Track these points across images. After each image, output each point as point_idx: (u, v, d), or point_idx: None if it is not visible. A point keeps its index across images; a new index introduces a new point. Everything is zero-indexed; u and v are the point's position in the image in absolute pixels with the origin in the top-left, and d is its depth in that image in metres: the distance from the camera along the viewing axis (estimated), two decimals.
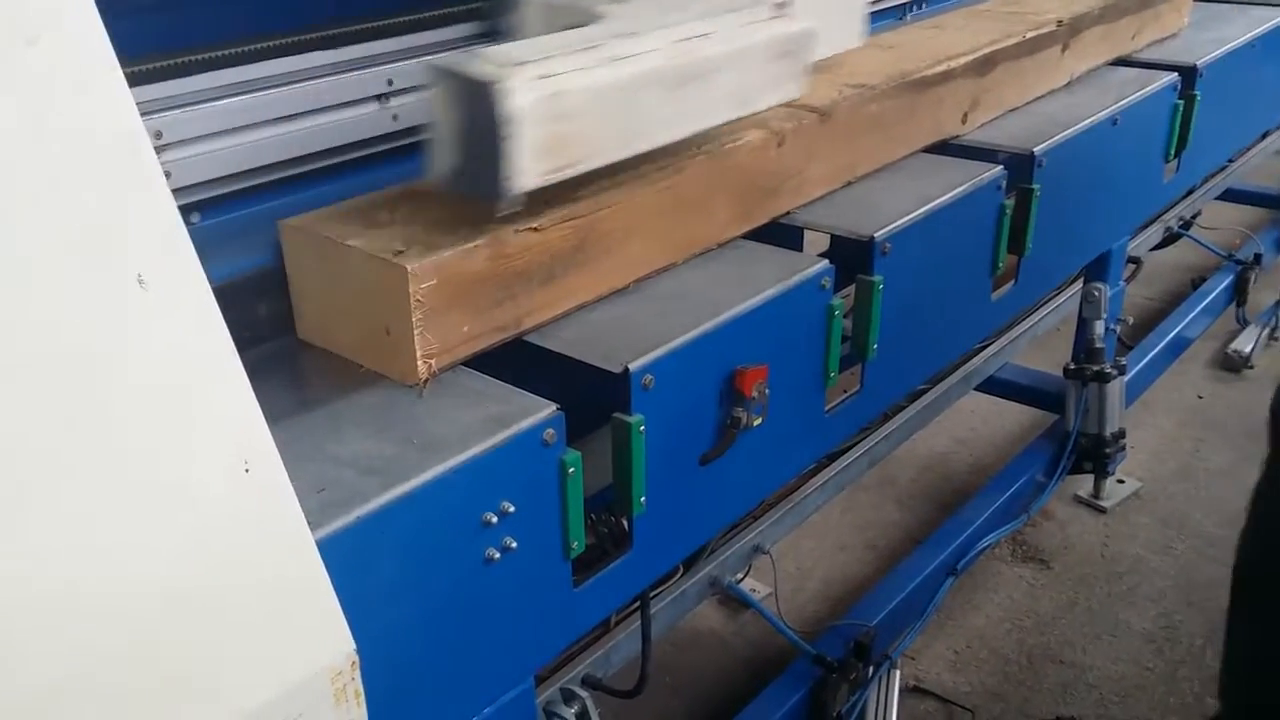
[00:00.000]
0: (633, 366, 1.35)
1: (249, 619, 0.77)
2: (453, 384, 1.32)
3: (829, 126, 1.84)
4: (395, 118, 1.69)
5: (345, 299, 1.34)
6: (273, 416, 1.23)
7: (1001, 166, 2.00)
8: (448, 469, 1.16)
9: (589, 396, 1.40)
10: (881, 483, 3.21)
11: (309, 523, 1.03)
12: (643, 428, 1.37)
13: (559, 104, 1.30)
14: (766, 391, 1.52)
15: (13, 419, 0.65)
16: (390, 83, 1.66)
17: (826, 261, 1.65)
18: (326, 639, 0.85)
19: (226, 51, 1.45)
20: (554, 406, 1.27)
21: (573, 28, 1.47)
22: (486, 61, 1.27)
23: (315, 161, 1.61)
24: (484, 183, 1.29)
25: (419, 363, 1.28)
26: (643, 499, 1.41)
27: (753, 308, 1.53)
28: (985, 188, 1.97)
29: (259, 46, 1.49)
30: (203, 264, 1.41)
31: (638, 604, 1.70)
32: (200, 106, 1.42)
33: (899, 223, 1.78)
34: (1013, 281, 2.21)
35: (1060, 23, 2.39)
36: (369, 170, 1.70)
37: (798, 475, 1.92)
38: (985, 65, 2.19)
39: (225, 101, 1.45)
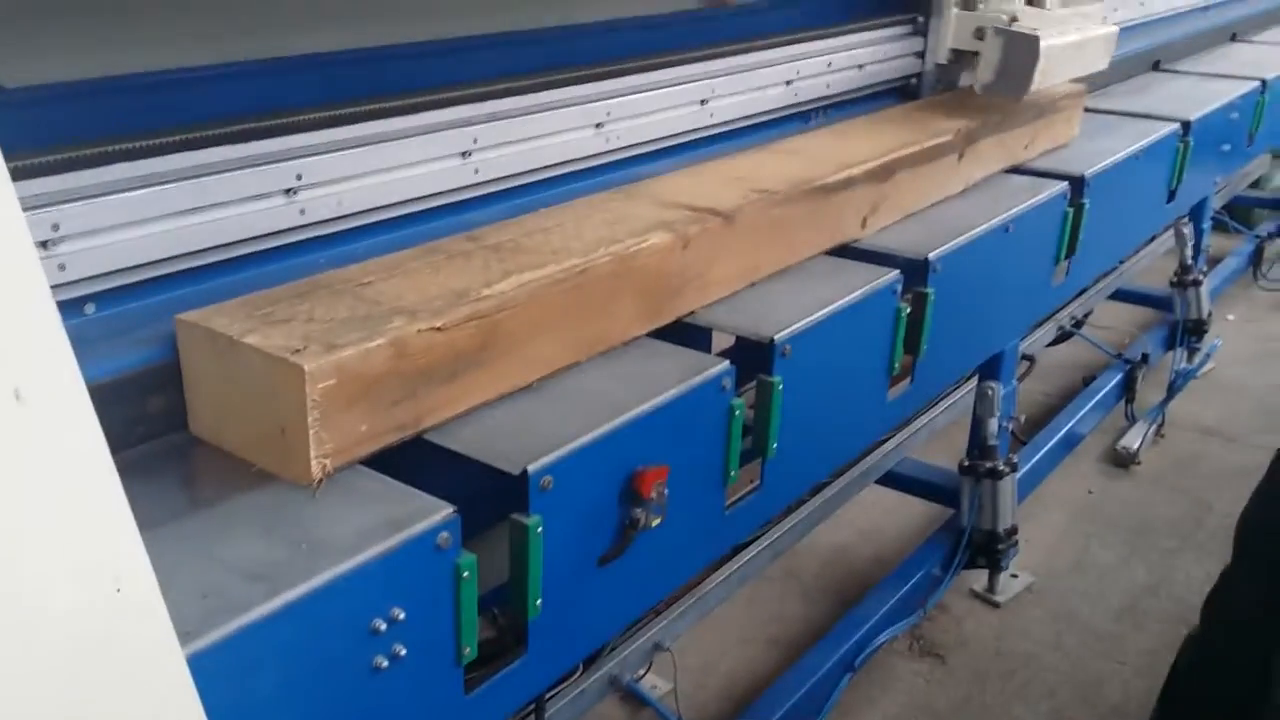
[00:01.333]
0: (531, 468, 1.35)
1: None
2: (348, 484, 1.31)
3: (733, 229, 1.89)
4: (303, 211, 1.69)
5: (240, 396, 1.33)
6: (160, 518, 1.22)
7: (898, 271, 2.07)
8: (337, 575, 1.14)
9: (488, 495, 1.40)
10: (786, 575, 3.23)
11: (190, 632, 1.01)
12: (540, 529, 1.37)
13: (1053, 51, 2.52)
14: (665, 492, 1.53)
15: None
16: (299, 177, 1.67)
17: (727, 362, 1.68)
18: None
19: (130, 145, 1.44)
20: (450, 509, 1.27)
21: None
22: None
23: (218, 254, 1.60)
24: (1015, 89, 2.60)
25: (313, 463, 1.27)
26: (538, 601, 1.40)
27: (653, 408, 1.55)
28: (882, 291, 2.03)
29: (164, 141, 1.48)
30: (98, 356, 1.39)
31: (533, 707, 1.68)
32: (100, 200, 1.41)
33: (799, 325, 1.83)
34: (909, 380, 2.27)
35: (957, 132, 2.50)
36: (276, 261, 1.69)
37: (697, 573, 1.93)
38: (885, 172, 2.27)
39: (126, 195, 1.44)
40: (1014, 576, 3.18)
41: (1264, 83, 3.98)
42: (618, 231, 1.75)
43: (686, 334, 1.83)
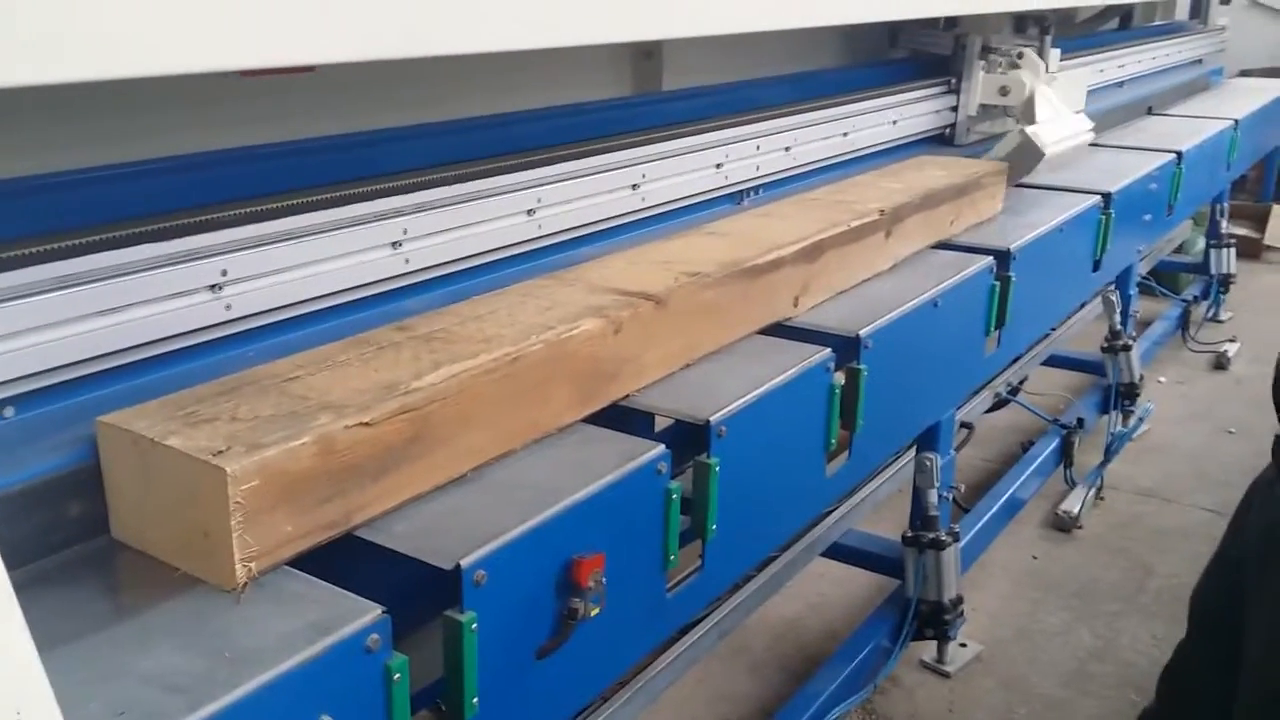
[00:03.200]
0: (464, 563, 1.33)
1: None
2: (274, 586, 1.28)
3: (666, 313, 1.90)
4: (229, 307, 1.68)
5: (162, 499, 1.30)
6: (77, 630, 1.19)
7: (829, 349, 2.09)
8: (260, 684, 1.11)
9: (423, 590, 1.37)
10: (735, 651, 3.20)
11: None
12: (474, 625, 1.34)
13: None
14: (603, 580, 1.52)
15: None
16: (224, 273, 1.65)
17: (662, 446, 1.68)
18: None
19: (45, 246, 1.42)
20: (379, 610, 1.24)
21: None
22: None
23: (142, 352, 1.58)
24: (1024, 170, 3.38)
25: (237, 567, 1.24)
26: (474, 700, 1.37)
27: (588, 496, 1.54)
28: (815, 369, 2.05)
29: (81, 241, 1.47)
30: (16, 461, 1.36)
31: None
32: (15, 303, 1.38)
33: (734, 405, 1.84)
34: (847, 455, 2.28)
35: (882, 211, 2.55)
36: (201, 357, 1.67)
37: (641, 659, 1.90)
38: (814, 252, 2.31)
39: (43, 298, 1.42)
40: (963, 645, 3.18)
41: (1179, 154, 4.13)
42: (550, 318, 1.76)
43: (624, 418, 1.83)
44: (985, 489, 3.75)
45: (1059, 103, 3.66)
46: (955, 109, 3.81)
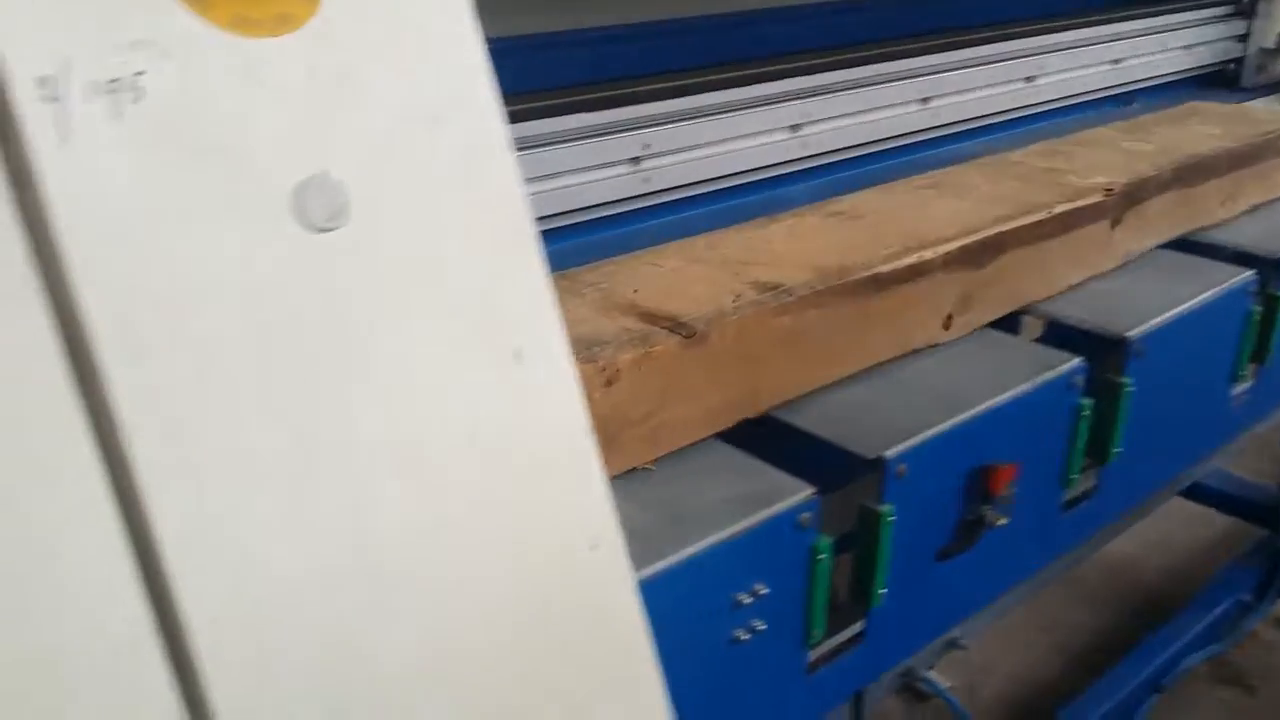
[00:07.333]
0: (888, 454, 1.31)
1: (574, 693, 0.76)
2: (706, 457, 1.31)
3: (701, 353, 1.28)
4: (647, 180, 1.71)
5: None
6: None
7: (1252, 270, 1.88)
8: (707, 545, 1.14)
9: (827, 481, 1.37)
10: (1069, 581, 3.06)
11: None
12: (892, 518, 1.33)
13: None
14: (1014, 491, 1.46)
15: (408, 497, 0.66)
16: (646, 146, 1.68)
17: (1079, 359, 1.58)
18: None
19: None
20: (811, 489, 1.24)
21: None
22: None
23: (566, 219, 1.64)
24: None
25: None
26: (882, 591, 1.37)
27: (1005, 402, 1.47)
28: (1235, 291, 1.86)
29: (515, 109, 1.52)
30: None
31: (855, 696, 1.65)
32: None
33: (1154, 322, 1.70)
34: (1252, 381, 2.07)
35: (1109, 191, 1.77)
36: (618, 226, 1.72)
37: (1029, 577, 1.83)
38: (985, 251, 1.59)
39: None
40: None
41: None
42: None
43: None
44: None
45: None
46: (1244, 38, 2.81)
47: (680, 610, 1.15)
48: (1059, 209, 1.69)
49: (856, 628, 1.40)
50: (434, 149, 0.71)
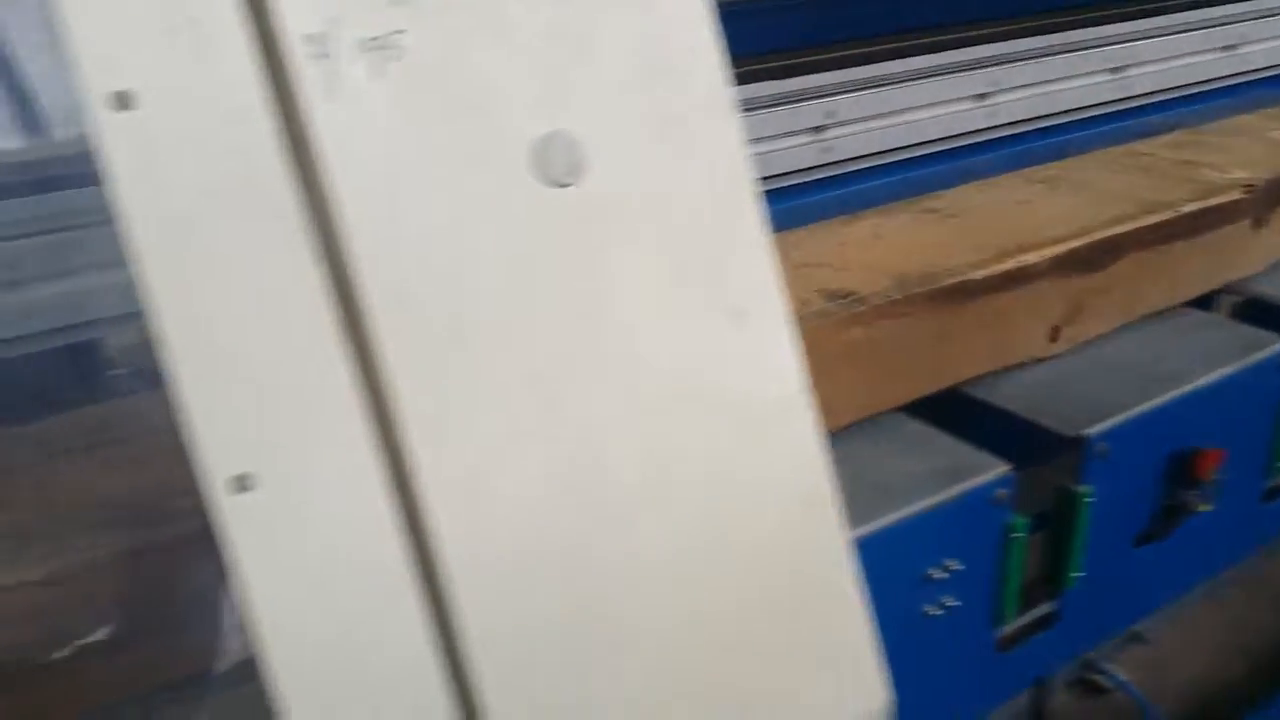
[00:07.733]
0: (1090, 432, 1.27)
1: (792, 655, 0.76)
2: (895, 429, 1.29)
3: None
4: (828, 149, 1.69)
5: None
6: None
7: None
8: (900, 517, 1.13)
9: (1019, 460, 1.32)
10: (1256, 580, 2.90)
11: None
12: (1090, 499, 1.28)
13: None
14: (1220, 477, 1.39)
15: (639, 450, 0.68)
16: (830, 114, 1.66)
17: None
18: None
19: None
20: (1006, 466, 1.21)
21: None
22: None
23: None
24: None
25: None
26: (1077, 575, 1.32)
27: (1210, 383, 1.40)
28: None
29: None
30: None
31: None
32: None
33: None
34: None
35: (1250, 187, 1.58)
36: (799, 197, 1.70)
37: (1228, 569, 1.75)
38: (1100, 254, 1.42)
39: None
40: None
41: None
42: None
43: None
44: None
45: None
46: None
47: (869, 584, 1.13)
48: (1187, 208, 1.52)
49: (1045, 609, 1.36)
50: (662, 103, 0.72)
